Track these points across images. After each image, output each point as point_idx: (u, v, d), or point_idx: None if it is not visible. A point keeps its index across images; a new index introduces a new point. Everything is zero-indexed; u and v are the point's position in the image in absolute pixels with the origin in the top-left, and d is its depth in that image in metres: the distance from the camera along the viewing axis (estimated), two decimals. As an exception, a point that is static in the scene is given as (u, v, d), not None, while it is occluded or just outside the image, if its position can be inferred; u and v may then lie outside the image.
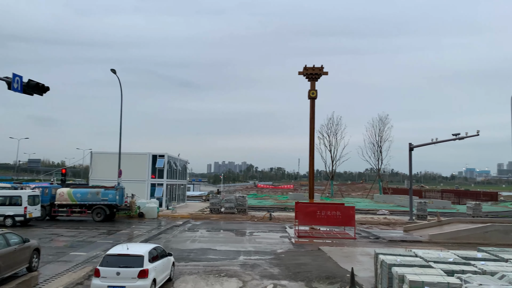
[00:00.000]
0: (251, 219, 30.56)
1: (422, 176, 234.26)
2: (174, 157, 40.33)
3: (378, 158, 69.48)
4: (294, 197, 52.96)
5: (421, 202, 33.80)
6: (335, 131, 68.46)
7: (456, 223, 25.24)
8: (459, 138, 28.68)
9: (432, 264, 10.23)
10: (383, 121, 69.03)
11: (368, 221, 30.51)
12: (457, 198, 57.39)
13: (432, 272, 9.18)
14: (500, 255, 11.85)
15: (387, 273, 9.89)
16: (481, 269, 9.89)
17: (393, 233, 24.37)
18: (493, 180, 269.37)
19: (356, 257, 16.54)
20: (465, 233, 21.76)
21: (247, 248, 18.33)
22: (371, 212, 38.24)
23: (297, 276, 12.96)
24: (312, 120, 28.01)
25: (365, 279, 12.37)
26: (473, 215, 33.05)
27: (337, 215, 22.51)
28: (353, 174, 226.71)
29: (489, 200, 58.09)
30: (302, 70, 27.99)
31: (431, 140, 31.05)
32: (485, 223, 23.48)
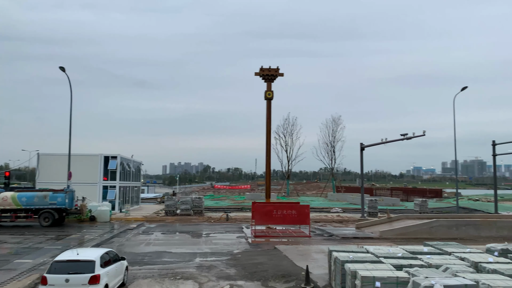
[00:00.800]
0: (207, 220, 30.34)
1: (373, 174, 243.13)
2: (127, 158, 39.19)
3: (331, 158, 71.40)
4: (251, 197, 53.18)
5: (372, 200, 35.08)
6: (291, 132, 69.60)
7: (405, 220, 26.43)
8: (407, 138, 30.09)
9: (383, 259, 10.66)
10: (336, 122, 71.11)
11: (322, 219, 31.26)
12: (406, 196, 60.12)
13: (383, 267, 9.56)
14: (444, 249, 12.58)
15: (341, 269, 10.19)
16: (427, 262, 10.45)
17: (346, 230, 25.13)
18: (438, 178, 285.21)
19: (311, 255, 16.89)
20: (413, 229, 22.86)
21: (203, 249, 18.18)
22: (325, 210, 39.20)
23: (254, 276, 13.03)
24: (269, 121, 28.28)
25: (319, 276, 12.66)
26: (420, 212, 34.77)
27: (292, 214, 22.86)
28: (308, 173, 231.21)
29: (435, 197, 61.39)
30: (259, 71, 28.20)
31: (381, 140, 32.33)
32: (430, 219, 24.77)
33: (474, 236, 22.32)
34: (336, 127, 70.83)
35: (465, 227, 22.96)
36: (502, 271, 9.38)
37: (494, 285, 7.84)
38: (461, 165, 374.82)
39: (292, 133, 69.49)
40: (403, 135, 30.42)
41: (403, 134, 30.46)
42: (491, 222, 23.82)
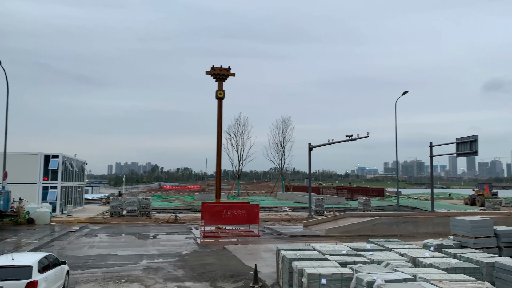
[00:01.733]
0: (155, 221, 29.64)
1: (320, 174, 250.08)
2: (70, 157, 37.31)
3: (281, 158, 72.64)
4: (201, 197, 52.70)
5: (319, 198, 36.08)
6: (242, 132, 69.92)
7: (349, 218, 27.43)
8: (352, 139, 31.26)
9: (328, 256, 10.99)
10: (286, 123, 72.50)
11: (272, 218, 31.66)
12: (350, 194, 62.46)
13: (328, 264, 9.86)
14: (385, 245, 13.20)
15: (288, 267, 10.37)
16: (369, 259, 10.91)
17: (294, 229, 25.62)
18: (381, 177, 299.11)
19: (259, 254, 17.04)
20: (357, 226, 23.78)
21: (150, 251, 17.74)
22: (275, 209, 39.74)
23: (202, 277, 12.92)
24: (220, 120, 28.16)
25: (268, 275, 12.81)
26: (363, 210, 36.26)
27: (242, 213, 22.92)
28: (258, 173, 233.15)
29: (377, 195, 64.33)
30: (210, 70, 28.00)
31: (328, 141, 33.35)
32: (373, 216, 25.92)
33: (412, 232, 23.64)
34: (286, 127, 72.27)
35: (404, 224, 24.25)
36: (437, 265, 10.02)
37: (429, 278, 8.34)
38: (401, 166, 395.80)
39: (243, 133, 69.88)
40: (349, 136, 31.57)
41: (348, 135, 31.62)
42: (428, 219, 25.35)
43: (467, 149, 33.09)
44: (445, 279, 8.38)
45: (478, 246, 13.38)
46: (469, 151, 33.01)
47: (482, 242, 13.58)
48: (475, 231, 13.67)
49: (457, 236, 14.26)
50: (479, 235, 13.67)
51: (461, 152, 34.02)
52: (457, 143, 34.37)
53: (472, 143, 32.56)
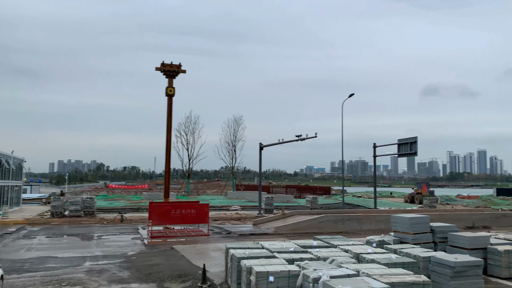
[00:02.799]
0: (100, 222, 28.52)
1: (270, 173, 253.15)
2: (6, 154, 34.91)
3: (232, 157, 72.64)
4: (149, 197, 51.42)
5: (268, 197, 36.52)
6: (193, 130, 69.08)
7: (297, 216, 28.01)
8: (301, 139, 31.96)
9: (276, 254, 11.15)
10: (238, 122, 72.63)
11: (222, 217, 31.58)
12: (299, 193, 63.86)
13: (276, 262, 10.00)
14: (331, 242, 13.62)
15: (237, 266, 10.40)
16: (316, 255, 11.21)
17: (244, 227, 25.74)
18: (327, 176, 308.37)
19: (208, 253, 16.94)
20: (305, 224, 24.35)
21: (94, 253, 17.04)
22: (225, 208, 39.68)
23: (149, 278, 12.62)
24: (169, 118, 27.62)
25: (216, 274, 12.77)
26: (311, 208, 37.18)
27: (192, 213, 22.66)
28: (209, 172, 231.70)
29: (324, 194, 66.25)
30: (160, 66, 27.36)
31: (278, 140, 33.86)
32: (320, 214, 26.64)
33: (357, 229, 24.61)
34: (237, 127, 72.38)
35: (349, 221, 25.18)
36: (378, 260, 10.50)
37: (371, 273, 8.73)
38: (347, 165, 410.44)
39: (193, 132, 69.07)
40: (298, 136, 32.25)
41: (297, 135, 32.29)
42: (371, 216, 26.50)
43: (407, 150, 34.96)
44: (386, 273, 8.81)
45: (416, 241, 14.21)
46: (409, 152, 34.91)
47: (419, 237, 14.43)
48: (413, 227, 14.49)
49: (397, 232, 15.03)
50: (417, 231, 14.51)
51: (402, 153, 35.90)
52: (398, 144, 36.21)
53: (412, 145, 34.46)
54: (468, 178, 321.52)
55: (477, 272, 10.48)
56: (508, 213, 31.73)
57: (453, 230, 14.72)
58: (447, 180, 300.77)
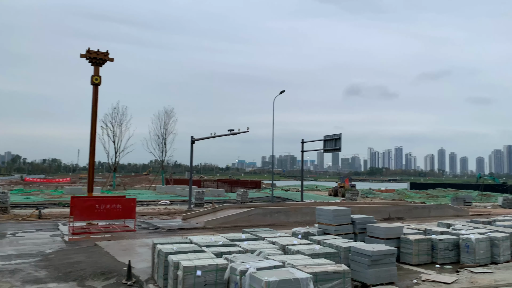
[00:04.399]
0: (14, 218, 26.28)
1: (202, 167, 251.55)
2: None
3: (162, 150, 70.82)
4: (71, 191, 48.41)
5: (199, 191, 36.27)
6: (120, 121, 66.09)
7: (228, 209, 28.19)
8: (233, 133, 32.15)
9: (205, 248, 11.14)
10: (169, 114, 70.92)
11: (150, 212, 30.76)
12: (230, 187, 64.28)
13: (204, 256, 10.00)
14: (259, 235, 13.92)
15: (164, 261, 10.22)
16: (244, 248, 11.38)
17: (173, 222, 25.33)
18: (258, 171, 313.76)
19: (135, 249, 16.43)
20: (234, 217, 24.58)
21: (6, 252, 15.68)
22: (153, 203, 38.69)
23: (68, 277, 11.93)
24: (95, 108, 26.18)
25: (142, 270, 12.43)
26: (241, 201, 37.62)
27: (117, 208, 21.78)
28: (137, 166, 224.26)
29: (255, 187, 67.42)
30: (85, 53, 25.77)
31: (210, 134, 33.72)
32: (249, 207, 27.06)
33: (284, 222, 25.38)
34: (168, 119, 70.68)
35: (277, 214, 25.89)
36: (303, 252, 10.94)
37: (296, 264, 9.07)
38: (277, 160, 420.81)
39: (121, 123, 66.13)
40: (230, 130, 32.39)
41: (230, 129, 32.42)
42: (298, 209, 27.48)
43: (332, 146, 36.74)
44: (310, 264, 9.22)
45: (338, 232, 15.01)
46: (334, 148, 36.72)
47: (341, 229, 15.27)
48: (336, 219, 15.29)
49: (321, 224, 15.77)
50: (339, 222, 15.34)
51: (327, 149, 37.65)
52: (324, 141, 37.90)
53: (336, 141, 36.27)
54: (386, 173, 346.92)
55: (391, 260, 11.36)
56: (420, 205, 34.75)
57: (371, 222, 15.78)
58: (367, 175, 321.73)
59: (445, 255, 14.11)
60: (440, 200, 51.38)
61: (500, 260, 14.19)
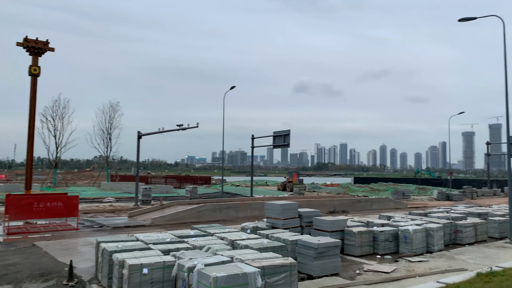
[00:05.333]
0: None
1: (149, 163, 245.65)
2: None
3: (107, 145, 68.11)
4: (6, 189, 45.25)
5: (146, 188, 35.40)
6: (62, 115, 62.52)
7: (176, 206, 27.79)
8: (182, 128, 31.66)
9: (152, 246, 10.92)
10: (114, 108, 68.28)
11: (94, 209, 29.55)
12: (179, 183, 63.25)
13: (151, 254, 9.79)
14: (208, 231, 13.86)
15: (108, 260, 9.89)
16: (192, 245, 11.29)
17: (118, 220, 24.53)
18: (208, 166, 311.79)
19: (77, 248, 15.74)
20: (183, 214, 24.28)
21: None
22: (97, 200, 37.21)
23: (3, 279, 11.19)
24: (33, 100, 24.60)
25: (85, 270, 11.95)
26: (190, 198, 37.26)
27: (58, 206, 20.73)
28: (81, 161, 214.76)
29: (204, 183, 66.90)
30: (22, 41, 24.11)
31: (158, 129, 32.96)
32: (199, 204, 26.88)
33: (234, 217, 25.48)
34: (113, 113, 68.05)
35: (227, 210, 25.93)
36: (252, 246, 11.05)
37: (244, 259, 9.15)
38: (227, 155, 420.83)
39: (63, 117, 62.58)
40: (179, 125, 31.85)
41: (179, 124, 31.88)
42: (247, 204, 27.69)
43: (281, 141, 37.35)
44: (258, 258, 9.33)
45: (286, 226, 15.33)
46: (283, 144, 37.35)
47: (289, 222, 15.61)
48: (284, 213, 15.60)
49: (270, 218, 16.01)
50: (287, 216, 15.66)
51: (277, 144, 38.22)
52: (273, 136, 38.43)
53: (285, 137, 36.91)
54: (332, 168, 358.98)
55: (336, 252, 11.80)
56: (363, 199, 36.34)
57: (317, 215, 16.27)
58: (314, 170, 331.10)
59: (386, 246, 14.89)
60: (381, 193, 54.01)
61: (435, 249, 15.23)
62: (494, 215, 20.43)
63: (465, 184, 61.12)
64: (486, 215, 20.57)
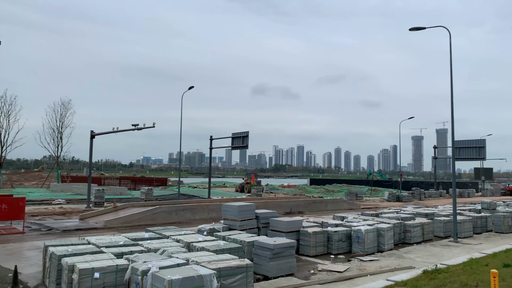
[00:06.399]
0: None
1: (103, 163, 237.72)
2: None
3: (58, 145, 65.08)
4: None
5: (99, 189, 34.20)
6: (8, 112, 58.85)
7: (130, 208, 27.07)
8: (138, 128, 30.93)
9: (104, 249, 10.57)
10: (66, 106, 65.36)
11: (42, 212, 28.12)
12: (134, 185, 61.62)
13: (103, 257, 9.47)
14: (163, 233, 13.62)
15: (57, 265, 9.46)
16: (147, 247, 11.05)
17: (68, 223, 23.52)
18: (165, 167, 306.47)
19: (23, 253, 14.92)
20: (138, 216, 23.69)
21: None
22: (46, 202, 35.44)
23: None
24: (-26, 96, 23.08)
25: (32, 276, 11.35)
26: (145, 199, 36.42)
27: (2, 208, 19.54)
28: (28, 161, 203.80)
29: (160, 185, 65.62)
30: (-38, 32, 22.57)
31: (113, 128, 31.99)
32: (154, 206, 26.33)
33: (190, 219, 25.18)
34: (65, 111, 65.12)
35: (183, 212, 25.59)
36: (208, 248, 10.99)
37: (200, 261, 9.08)
38: (185, 156, 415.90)
39: (9, 114, 58.90)
40: (135, 125, 31.08)
41: (134, 124, 31.11)
42: (204, 206, 27.47)
43: (240, 143, 37.42)
44: (214, 260, 9.29)
45: (243, 227, 15.38)
46: (242, 145, 37.45)
47: (246, 224, 15.66)
48: (241, 214, 15.63)
49: (227, 220, 15.98)
50: (244, 218, 15.71)
51: (235, 146, 38.25)
52: (232, 138, 38.44)
53: (244, 138, 37.03)
54: (289, 169, 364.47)
55: (291, 252, 11.98)
56: (318, 200, 37.15)
57: (274, 216, 16.45)
58: (272, 171, 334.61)
59: (339, 246, 15.31)
60: (336, 194, 55.50)
61: (385, 249, 15.86)
62: (440, 215, 21.59)
63: (414, 186, 64.20)
64: (432, 216, 21.69)
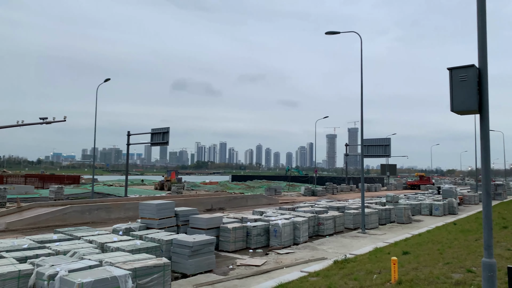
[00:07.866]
0: None
1: (6, 160, 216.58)
2: None
3: None
4: None
5: (0, 188, 31.08)
6: None
7: (37, 208, 25.01)
8: (47, 122, 28.68)
9: (5, 253, 9.66)
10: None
11: None
12: (42, 183, 56.99)
13: (4, 263, 8.66)
14: (74, 234, 12.82)
15: None
16: (55, 250, 10.32)
17: (-38, 227, 21.02)
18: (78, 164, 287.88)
19: None
20: (46, 217, 21.98)
21: None
22: None
23: None
24: None
25: None
26: (55, 199, 33.89)
27: None
28: None
29: (72, 183, 61.53)
30: None
31: (17, 122, 29.25)
32: (65, 205, 24.64)
33: (105, 218, 23.99)
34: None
35: (97, 211, 24.29)
36: (123, 248, 10.58)
37: (115, 262, 8.72)
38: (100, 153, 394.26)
39: None
40: (43, 118, 28.77)
41: (42, 118, 28.79)
42: (120, 205, 26.35)
43: (160, 139, 36.45)
44: (130, 260, 8.98)
45: (161, 226, 15.06)
46: (162, 142, 36.50)
47: (165, 222, 15.36)
48: (159, 213, 15.29)
49: (144, 218, 15.53)
50: (163, 216, 15.40)
51: (155, 142, 37.16)
52: (151, 134, 37.28)
53: (164, 134, 36.13)
54: (211, 166, 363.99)
55: (210, 249, 12.03)
56: (239, 196, 37.67)
57: (194, 213, 16.36)
58: (194, 168, 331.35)
59: (258, 240, 15.72)
60: (256, 190, 56.73)
61: (300, 241, 16.63)
62: (350, 209, 23.20)
63: (328, 181, 68.12)
64: (343, 209, 23.22)
